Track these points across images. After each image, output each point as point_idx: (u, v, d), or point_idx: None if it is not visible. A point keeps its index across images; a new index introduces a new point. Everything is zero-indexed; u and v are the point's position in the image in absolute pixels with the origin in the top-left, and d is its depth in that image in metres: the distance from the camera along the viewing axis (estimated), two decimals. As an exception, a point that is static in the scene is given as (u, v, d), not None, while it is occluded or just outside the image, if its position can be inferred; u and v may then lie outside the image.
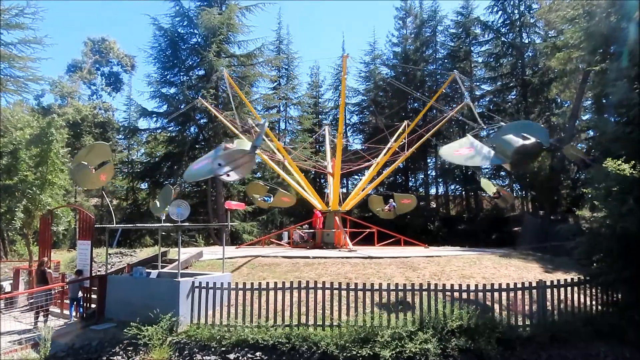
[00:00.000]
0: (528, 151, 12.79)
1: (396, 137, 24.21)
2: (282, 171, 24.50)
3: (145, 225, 24.44)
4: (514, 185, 37.79)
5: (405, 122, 24.85)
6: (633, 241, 10.99)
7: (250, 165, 15.99)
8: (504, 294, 11.44)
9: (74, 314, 14.19)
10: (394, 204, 24.10)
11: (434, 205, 42.20)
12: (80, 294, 14.29)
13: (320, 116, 46.07)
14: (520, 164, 13.99)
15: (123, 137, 42.60)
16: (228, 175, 14.92)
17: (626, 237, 11.01)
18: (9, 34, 25.66)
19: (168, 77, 35.18)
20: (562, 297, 11.62)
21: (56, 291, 15.21)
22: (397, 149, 23.16)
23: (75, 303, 14.27)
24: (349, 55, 22.10)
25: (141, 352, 10.95)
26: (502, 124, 15.12)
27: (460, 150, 14.01)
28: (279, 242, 25.33)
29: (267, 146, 24.42)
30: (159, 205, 15.84)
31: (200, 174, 16.84)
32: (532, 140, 12.51)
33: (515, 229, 32.84)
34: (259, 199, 24.76)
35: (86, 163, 14.93)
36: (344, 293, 11.60)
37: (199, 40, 34.41)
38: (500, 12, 36.34)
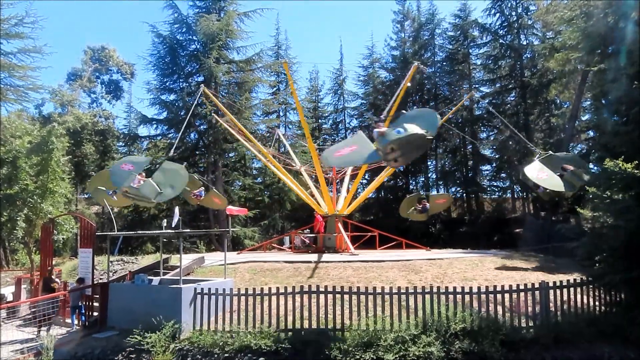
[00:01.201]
0: (405, 145, 11.73)
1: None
2: (283, 176, 24.44)
3: (147, 232, 24.43)
4: (514, 186, 37.80)
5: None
6: (636, 240, 10.98)
7: (151, 204, 16.51)
8: (506, 295, 11.41)
9: (75, 322, 14.16)
10: (427, 205, 22.16)
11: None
12: (81, 301, 14.25)
13: (320, 120, 46.14)
14: (400, 158, 12.29)
15: (123, 144, 42.64)
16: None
17: (629, 236, 11.00)
18: (8, 44, 25.79)
19: (167, 84, 35.26)
20: (565, 298, 11.58)
21: (59, 300, 15.17)
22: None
23: (76, 311, 14.24)
24: (289, 63, 22.25)
25: (144, 359, 10.92)
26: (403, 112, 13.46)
27: (342, 151, 13.08)
28: (280, 247, 25.31)
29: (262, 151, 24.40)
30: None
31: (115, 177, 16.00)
32: (408, 132, 11.39)
33: (517, 230, 32.78)
34: (190, 194, 21.11)
35: (103, 188, 15.48)
36: (346, 297, 11.58)
37: (198, 46, 34.50)
38: (497, 14, 36.42)
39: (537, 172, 15.52)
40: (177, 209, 14.47)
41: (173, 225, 13.86)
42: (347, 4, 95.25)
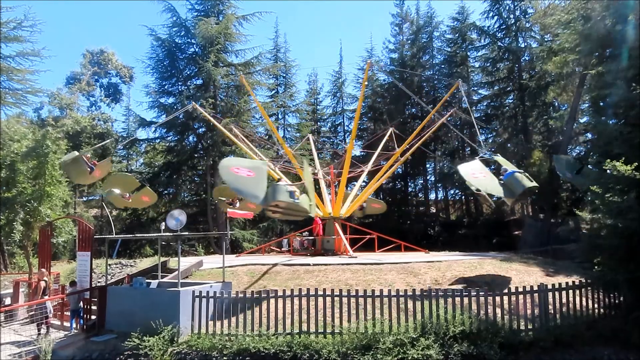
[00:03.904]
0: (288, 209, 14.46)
1: (383, 144, 24.35)
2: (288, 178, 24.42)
3: (145, 235, 24.38)
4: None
5: (391, 129, 25.02)
6: (635, 241, 10.98)
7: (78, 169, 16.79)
8: (505, 298, 11.39)
9: (74, 325, 14.11)
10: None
11: (434, 211, 42.15)
12: (80, 305, 14.21)
13: (318, 123, 46.16)
14: (281, 215, 15.48)
15: (122, 147, 42.62)
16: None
17: (628, 237, 11.01)
18: (7, 47, 25.76)
19: (166, 87, 35.29)
20: (564, 300, 11.57)
21: (56, 303, 15.14)
22: (399, 157, 23.20)
23: (75, 315, 14.20)
24: (371, 62, 22.37)
25: (142, 363, 10.88)
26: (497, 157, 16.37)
27: (240, 171, 13.60)
28: (279, 249, 25.27)
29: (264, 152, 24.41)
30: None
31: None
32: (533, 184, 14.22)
33: (516, 232, 32.79)
34: (120, 196, 20.05)
35: (117, 191, 15.40)
36: (345, 300, 11.56)
37: (197, 49, 34.53)
38: (495, 17, 36.49)
39: (474, 172, 14.66)
40: (182, 213, 14.35)
41: (174, 228, 13.80)
42: (347, 6, 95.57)
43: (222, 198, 22.25)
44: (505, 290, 11.46)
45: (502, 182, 14.60)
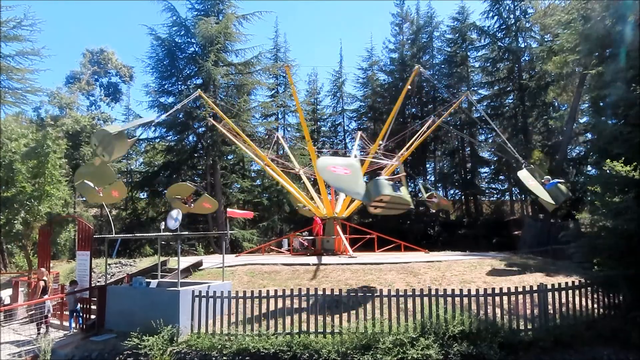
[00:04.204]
0: (393, 204, 14.32)
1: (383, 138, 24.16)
2: (281, 179, 24.40)
3: (145, 234, 24.36)
4: (513, 188, 37.81)
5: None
6: (635, 241, 10.99)
7: (123, 146, 15.70)
8: (505, 298, 11.40)
9: (73, 325, 14.11)
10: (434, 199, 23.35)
11: (434, 210, 42.10)
12: (78, 305, 14.20)
13: (318, 123, 46.15)
14: (380, 210, 14.90)
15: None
16: (103, 155, 15.28)
17: (628, 237, 11.02)
18: (7, 46, 25.80)
19: (166, 86, 35.27)
20: (564, 300, 11.58)
21: (55, 302, 15.14)
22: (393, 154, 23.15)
23: (74, 315, 14.20)
24: (290, 66, 22.40)
25: (141, 362, 10.88)
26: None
27: (337, 169, 13.66)
28: (279, 249, 25.26)
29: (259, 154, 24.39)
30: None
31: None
32: (402, 195, 13.91)
33: (516, 232, 32.78)
34: (181, 202, 21.60)
35: (89, 183, 15.22)
36: (344, 300, 11.54)
37: (197, 49, 34.52)
38: (495, 17, 36.49)
39: (528, 179, 16.10)
40: (179, 212, 14.33)
41: (172, 228, 13.80)
42: (347, 6, 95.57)
43: (177, 196, 21.26)
44: (505, 290, 11.46)
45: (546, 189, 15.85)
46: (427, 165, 41.67)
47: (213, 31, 32.44)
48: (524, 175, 16.37)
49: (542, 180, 16.58)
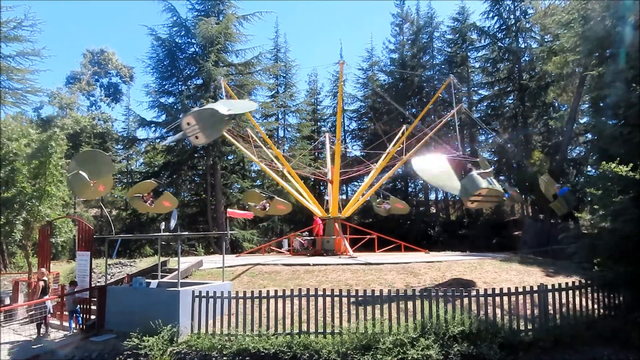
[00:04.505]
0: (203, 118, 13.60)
1: (395, 141, 24.21)
2: (281, 179, 24.45)
3: (145, 235, 24.37)
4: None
5: (404, 127, 24.90)
6: (635, 241, 10.99)
7: (218, 131, 15.35)
8: (505, 298, 11.40)
9: (73, 325, 14.11)
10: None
11: (434, 211, 42.16)
12: (78, 307, 14.17)
13: (318, 123, 46.17)
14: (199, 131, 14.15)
15: (122, 147, 42.62)
16: (196, 137, 14.61)
17: (628, 237, 11.01)
18: (7, 47, 25.81)
19: (166, 86, 35.29)
20: (564, 300, 11.58)
21: (55, 303, 15.13)
22: (395, 154, 23.18)
23: (73, 315, 14.19)
24: (345, 62, 22.41)
25: (141, 363, 10.88)
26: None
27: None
28: (279, 249, 25.26)
29: (266, 154, 24.45)
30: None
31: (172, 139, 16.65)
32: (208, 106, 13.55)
33: (516, 233, 32.79)
34: (255, 207, 23.56)
35: (84, 174, 14.90)
36: (344, 300, 11.55)
37: (197, 49, 34.54)
38: (496, 18, 36.51)
39: (430, 166, 15.03)
40: (175, 212, 14.37)
41: (171, 228, 13.82)
42: (347, 6, 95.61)
43: (137, 195, 20.30)
44: (505, 291, 11.46)
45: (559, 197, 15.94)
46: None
47: (213, 31, 32.46)
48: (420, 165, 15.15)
49: (554, 188, 16.52)
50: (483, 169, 14.48)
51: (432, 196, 42.98)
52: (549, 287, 11.67)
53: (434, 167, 14.77)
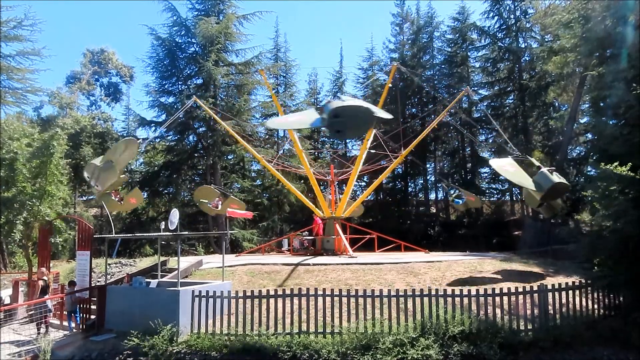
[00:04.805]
0: (349, 115, 12.58)
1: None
2: (283, 178, 24.43)
3: (145, 234, 24.36)
4: (513, 189, 37.78)
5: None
6: (635, 241, 10.98)
7: (110, 179, 15.76)
8: (505, 298, 11.39)
9: (73, 325, 14.11)
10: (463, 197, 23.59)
11: (434, 211, 42.13)
12: (77, 307, 14.16)
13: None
14: (344, 130, 13.81)
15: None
16: (96, 186, 15.84)
17: (628, 237, 11.01)
18: (7, 46, 25.81)
19: (166, 86, 35.25)
20: (564, 300, 11.57)
21: (55, 302, 15.13)
22: (393, 154, 23.16)
23: (72, 315, 14.20)
24: (264, 71, 22.68)
25: (141, 362, 10.88)
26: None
27: (288, 117, 15.47)
28: (279, 249, 25.26)
29: (266, 153, 24.44)
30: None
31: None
32: (353, 103, 12.69)
33: (516, 233, 32.75)
34: (207, 204, 22.67)
35: (111, 194, 15.48)
36: (344, 300, 11.55)
37: (197, 49, 34.52)
38: (496, 17, 36.45)
39: (505, 165, 15.86)
40: (176, 211, 14.32)
41: (172, 228, 13.80)
42: (347, 6, 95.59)
43: (203, 200, 21.75)
44: (505, 291, 11.46)
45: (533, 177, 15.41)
46: (427, 165, 41.63)
47: (213, 31, 32.44)
48: (501, 161, 16.20)
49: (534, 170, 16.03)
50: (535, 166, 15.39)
51: (432, 196, 42.96)
52: (549, 287, 11.67)
53: (508, 166, 15.51)
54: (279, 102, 40.67)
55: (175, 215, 13.80)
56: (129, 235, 21.00)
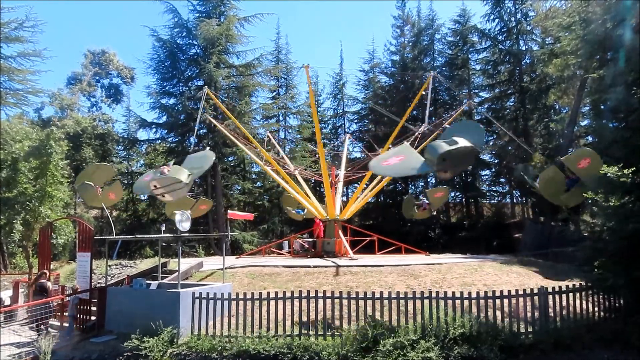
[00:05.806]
0: (455, 156, 11.85)
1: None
2: (283, 180, 24.41)
3: (145, 236, 24.36)
4: (514, 191, 37.79)
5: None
6: (635, 243, 10.98)
7: (183, 192, 16.24)
8: (505, 301, 11.39)
9: (73, 326, 14.11)
10: (427, 201, 22.65)
11: (435, 213, 42.09)
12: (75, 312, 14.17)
13: (319, 125, 46.14)
14: (450, 170, 12.62)
15: (122, 148, 42.67)
16: (163, 196, 15.89)
17: (628, 240, 11.00)
18: (8, 47, 25.84)
19: (167, 88, 35.34)
20: (564, 303, 11.57)
21: (55, 304, 15.12)
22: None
23: (73, 319, 14.19)
24: (309, 66, 22.51)
25: (141, 364, 10.89)
26: (447, 126, 14.22)
27: (390, 160, 13.41)
28: (279, 251, 25.24)
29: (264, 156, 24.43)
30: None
31: (139, 189, 18.10)
32: (460, 145, 11.62)
33: (516, 235, 32.75)
34: (293, 211, 24.98)
35: (91, 183, 15.30)
36: (345, 302, 11.55)
37: (198, 51, 34.60)
38: (497, 20, 36.52)
39: (388, 159, 13.79)
40: (188, 212, 14.17)
41: (186, 229, 13.64)
42: (347, 7, 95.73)
43: (289, 207, 23.71)
44: (506, 293, 11.46)
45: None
46: (428, 168, 41.58)
47: (214, 33, 32.51)
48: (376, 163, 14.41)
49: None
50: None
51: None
52: (550, 289, 11.66)
53: (392, 159, 13.46)
54: (281, 104, 40.86)
55: (184, 215, 13.67)
56: (129, 236, 21.01)
